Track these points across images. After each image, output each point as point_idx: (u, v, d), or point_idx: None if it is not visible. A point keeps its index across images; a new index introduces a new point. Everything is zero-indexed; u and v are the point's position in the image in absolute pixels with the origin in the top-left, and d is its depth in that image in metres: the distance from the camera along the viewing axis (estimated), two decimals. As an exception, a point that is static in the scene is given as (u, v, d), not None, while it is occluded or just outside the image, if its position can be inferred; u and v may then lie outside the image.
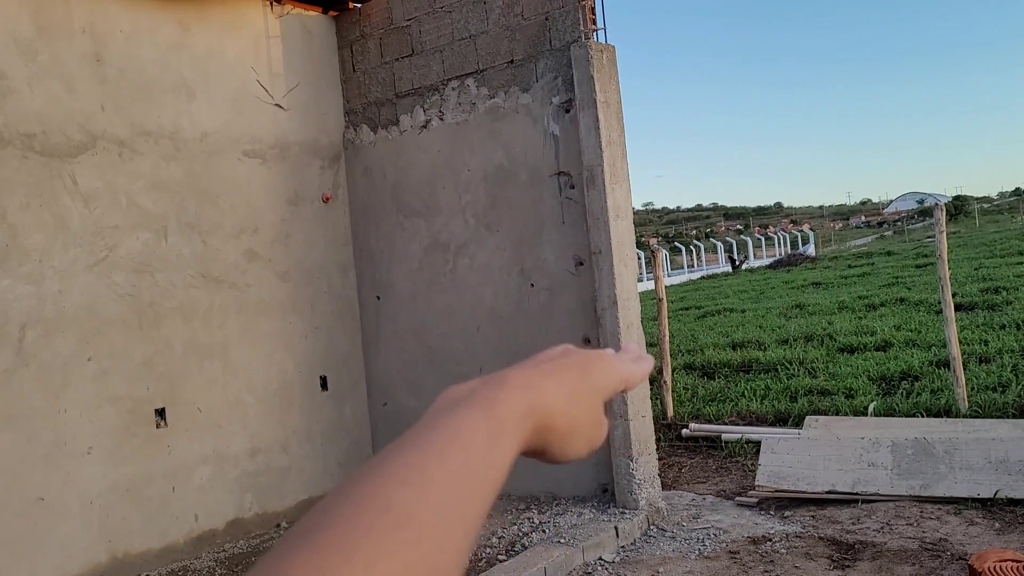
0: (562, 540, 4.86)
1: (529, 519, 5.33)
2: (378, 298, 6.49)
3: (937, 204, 7.16)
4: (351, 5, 6.49)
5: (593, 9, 5.47)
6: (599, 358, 0.63)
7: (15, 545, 4.53)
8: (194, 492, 5.38)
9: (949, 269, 6.90)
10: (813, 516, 5.13)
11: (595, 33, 5.44)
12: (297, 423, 6.02)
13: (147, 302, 5.25)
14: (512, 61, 5.71)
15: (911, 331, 10.57)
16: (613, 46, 5.47)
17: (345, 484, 0.45)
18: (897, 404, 7.09)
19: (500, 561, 4.72)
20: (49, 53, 4.88)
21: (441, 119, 6.07)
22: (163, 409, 5.28)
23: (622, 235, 5.37)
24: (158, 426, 5.25)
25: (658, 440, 6.40)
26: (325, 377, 6.28)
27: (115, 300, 5.09)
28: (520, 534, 5.11)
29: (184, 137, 5.52)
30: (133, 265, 5.20)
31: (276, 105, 6.09)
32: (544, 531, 5.08)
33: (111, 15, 5.18)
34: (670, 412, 7.72)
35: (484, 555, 4.88)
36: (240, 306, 5.76)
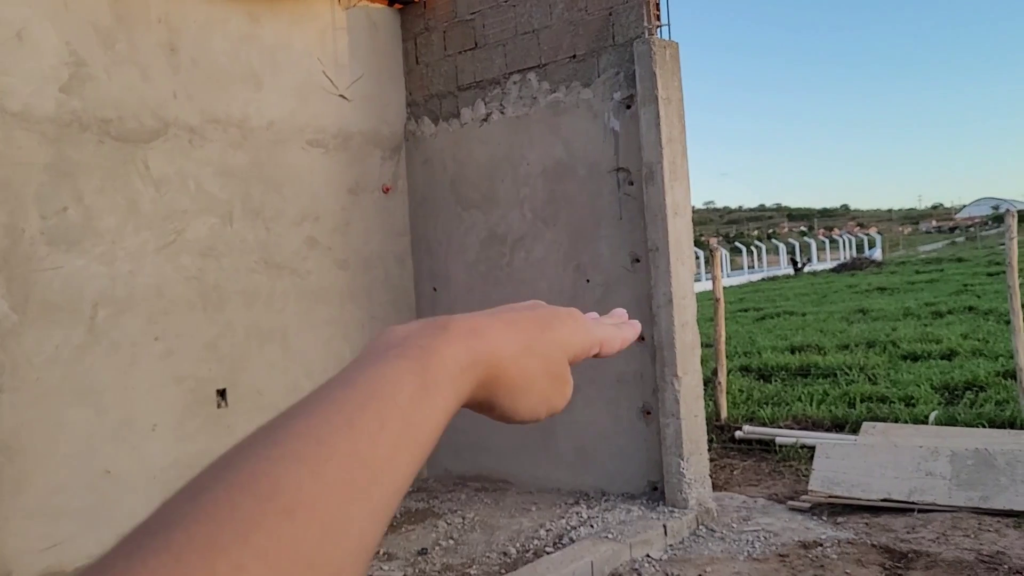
0: (610, 535, 4.86)
1: (577, 513, 5.35)
2: (434, 289, 6.57)
3: (1008, 211, 6.94)
4: (417, -2, 6.57)
5: (657, 5, 5.44)
6: (569, 315, 0.57)
7: (83, 515, 4.72)
8: (251, 472, 5.52)
9: (1020, 278, 6.69)
10: (867, 523, 5.04)
11: (659, 29, 5.41)
12: (352, 409, 6.12)
13: (212, 285, 5.41)
14: (574, 56, 5.72)
15: (978, 340, 10.29)
16: (676, 43, 5.43)
17: (227, 457, 0.37)
18: (959, 414, 6.91)
19: (547, 553, 4.75)
20: (126, 42, 5.06)
21: (502, 112, 6.11)
22: (224, 390, 5.44)
23: (680, 233, 5.34)
24: (219, 406, 5.41)
25: (710, 441, 6.35)
26: (381, 365, 6.37)
27: (182, 282, 5.26)
28: (568, 528, 5.13)
29: (251, 125, 5.67)
30: (200, 249, 5.36)
31: (340, 96, 6.21)
32: (592, 526, 5.10)
33: (186, 6, 5.34)
34: (724, 413, 7.64)
35: (532, 547, 4.91)
36: (300, 292, 5.89)
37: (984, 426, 6.48)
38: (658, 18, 5.43)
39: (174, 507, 0.34)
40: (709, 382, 7.51)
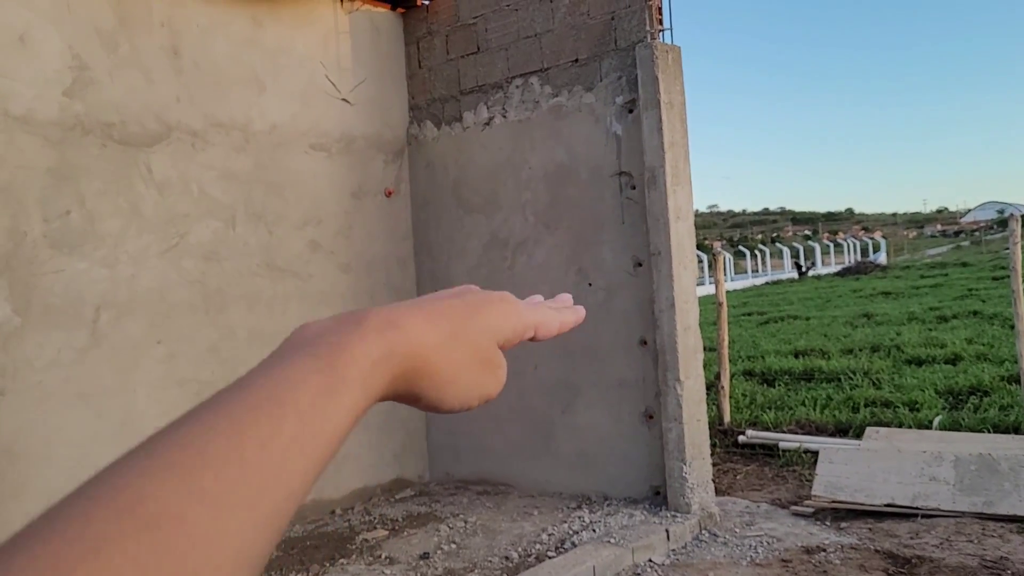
0: (612, 540, 4.85)
1: (580, 518, 5.33)
2: (437, 292, 6.55)
3: (1013, 215, 6.92)
4: (419, 2, 6.57)
5: (660, 9, 5.44)
6: (500, 299, 0.55)
7: (83, 518, 4.71)
8: (253, 475, 5.52)
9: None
10: (870, 529, 5.02)
11: (661, 33, 5.41)
12: (354, 412, 6.12)
13: (214, 289, 5.41)
14: (576, 60, 5.72)
15: (983, 345, 10.26)
16: (679, 47, 5.43)
17: (99, 472, 0.35)
18: (963, 419, 6.89)
19: (549, 558, 4.74)
20: (129, 45, 5.06)
21: (504, 116, 6.11)
22: (226, 393, 5.43)
23: (682, 237, 5.33)
24: (221, 410, 5.40)
25: (713, 446, 6.33)
26: (383, 369, 6.37)
27: (184, 286, 5.26)
28: (570, 532, 5.12)
29: (254, 129, 5.68)
30: (202, 252, 5.36)
31: (343, 100, 6.21)
32: (594, 530, 5.08)
33: (189, 9, 5.35)
34: (727, 418, 7.62)
35: (534, 551, 4.90)
36: (302, 296, 5.89)
37: (988, 431, 6.45)
38: (660, 22, 5.43)
39: (28, 529, 0.32)
40: (712, 386, 7.49)
